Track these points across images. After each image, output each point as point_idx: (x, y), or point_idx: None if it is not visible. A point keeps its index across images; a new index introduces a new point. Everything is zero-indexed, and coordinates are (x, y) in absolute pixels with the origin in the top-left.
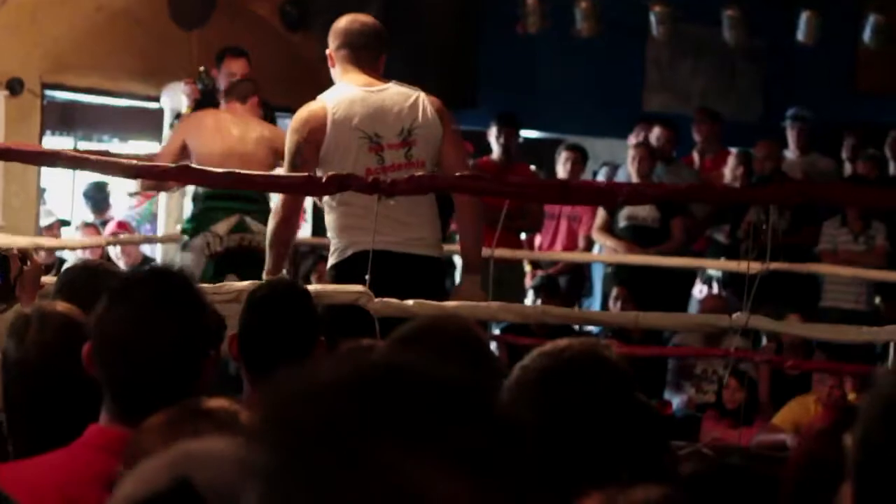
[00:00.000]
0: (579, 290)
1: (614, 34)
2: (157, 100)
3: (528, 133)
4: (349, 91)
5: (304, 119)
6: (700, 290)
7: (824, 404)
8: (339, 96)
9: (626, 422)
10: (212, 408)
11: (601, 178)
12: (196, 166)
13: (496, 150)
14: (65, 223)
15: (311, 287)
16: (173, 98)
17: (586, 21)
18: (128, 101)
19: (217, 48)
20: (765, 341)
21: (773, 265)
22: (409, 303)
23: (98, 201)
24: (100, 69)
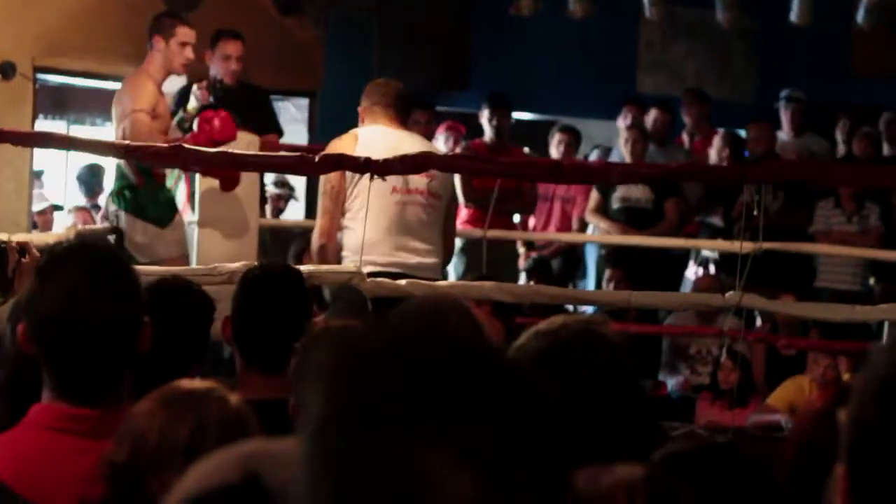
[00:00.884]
0: (573, 272)
1: (607, 16)
2: None
3: (520, 115)
4: (378, 127)
5: (335, 146)
6: (694, 271)
7: (819, 384)
8: (369, 129)
9: (625, 401)
10: (202, 390)
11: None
12: (188, 146)
13: (488, 132)
14: (57, 208)
15: (304, 267)
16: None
17: (579, 2)
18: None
19: (210, 32)
20: (759, 323)
21: (766, 245)
22: (401, 282)
23: (91, 185)
24: (92, 52)
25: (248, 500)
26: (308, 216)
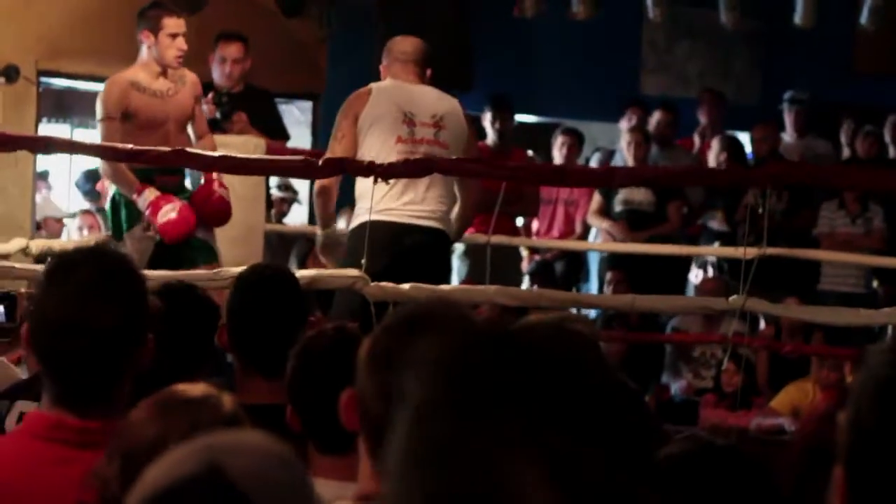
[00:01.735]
0: (576, 276)
1: (610, 17)
2: None
3: (523, 117)
4: (394, 81)
5: (350, 99)
6: (696, 274)
7: (823, 388)
8: (384, 82)
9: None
10: (197, 395)
11: (594, 164)
12: (189, 150)
13: (491, 134)
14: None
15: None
16: None
17: (582, 4)
18: None
19: (214, 34)
20: (763, 326)
21: (770, 250)
22: (404, 287)
23: (90, 192)
24: (96, 55)
25: (210, 492)
26: (311, 221)
